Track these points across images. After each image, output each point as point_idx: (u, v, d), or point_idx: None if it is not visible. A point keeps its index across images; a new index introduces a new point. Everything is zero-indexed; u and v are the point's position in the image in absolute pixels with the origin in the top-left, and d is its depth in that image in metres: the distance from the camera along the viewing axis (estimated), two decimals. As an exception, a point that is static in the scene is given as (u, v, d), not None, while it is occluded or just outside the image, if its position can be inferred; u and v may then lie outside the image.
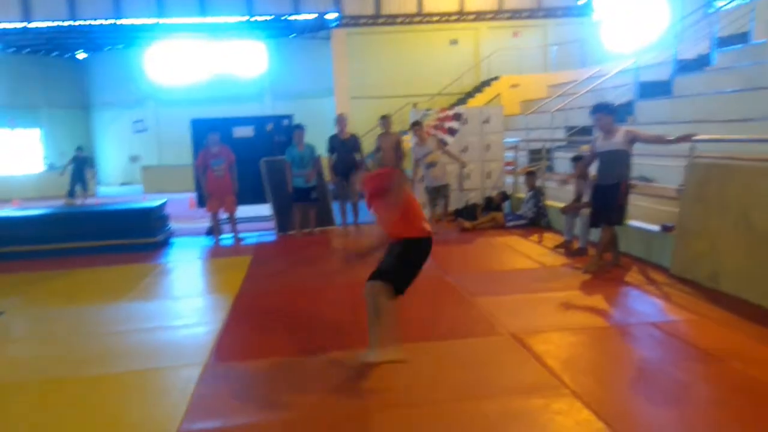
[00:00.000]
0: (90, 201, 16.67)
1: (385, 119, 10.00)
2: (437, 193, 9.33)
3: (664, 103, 10.56)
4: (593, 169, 6.85)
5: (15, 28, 21.56)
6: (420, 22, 22.75)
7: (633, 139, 6.19)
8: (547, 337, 4.64)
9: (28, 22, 21.29)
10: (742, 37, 11.00)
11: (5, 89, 24.15)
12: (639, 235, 6.79)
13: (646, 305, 5.52)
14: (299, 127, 9.49)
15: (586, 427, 3.30)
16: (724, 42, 11.08)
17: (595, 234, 6.95)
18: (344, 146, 9.64)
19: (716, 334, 4.59)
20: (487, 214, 9.76)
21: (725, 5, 11.82)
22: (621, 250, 6.77)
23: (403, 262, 4.14)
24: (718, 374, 3.93)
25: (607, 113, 6.34)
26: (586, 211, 7.12)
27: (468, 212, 10.00)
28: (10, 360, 4.83)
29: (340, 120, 9.86)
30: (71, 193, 17.13)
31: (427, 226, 4.26)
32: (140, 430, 3.57)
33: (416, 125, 9.47)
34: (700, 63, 11.23)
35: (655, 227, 6.73)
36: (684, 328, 4.78)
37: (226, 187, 9.20)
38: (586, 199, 7.30)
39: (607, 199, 6.25)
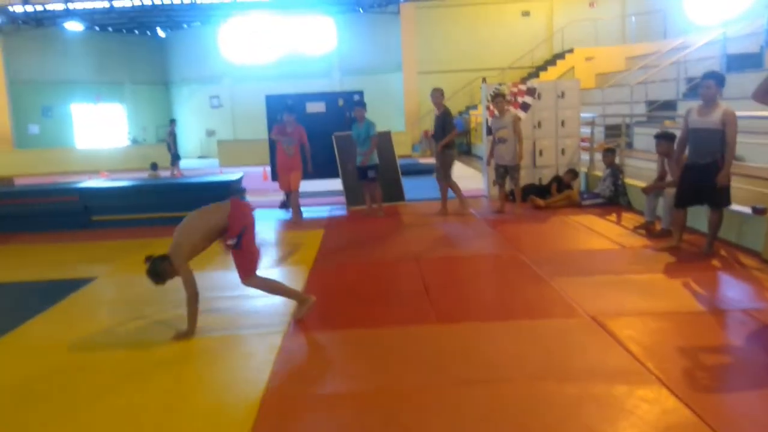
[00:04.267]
0: (175, 172, 17.45)
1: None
2: (504, 171, 9.08)
3: (755, 76, 9.97)
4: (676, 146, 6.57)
5: (100, 8, 22.83)
6: (491, -5, 22.30)
7: (726, 125, 5.82)
8: (629, 321, 4.49)
9: (112, 2, 22.42)
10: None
11: (91, 66, 25.41)
12: (729, 217, 6.45)
13: (736, 291, 5.28)
14: (358, 104, 9.47)
15: (674, 414, 3.17)
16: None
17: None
18: (436, 122, 9.38)
19: (814, 323, 4.34)
20: (561, 191, 9.53)
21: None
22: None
23: None
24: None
25: (718, 83, 5.97)
26: (670, 191, 6.83)
27: (541, 189, 9.79)
28: (101, 325, 5.06)
29: (432, 95, 9.42)
30: (174, 161, 17.83)
31: None
32: (226, 392, 3.71)
33: (498, 97, 9.26)
34: (796, 33, 10.57)
35: (746, 209, 6.40)
36: (779, 315, 4.54)
37: (294, 165, 9.27)
38: (670, 178, 7.00)
39: (703, 178, 5.94)
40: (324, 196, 10.77)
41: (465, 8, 22.37)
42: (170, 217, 8.83)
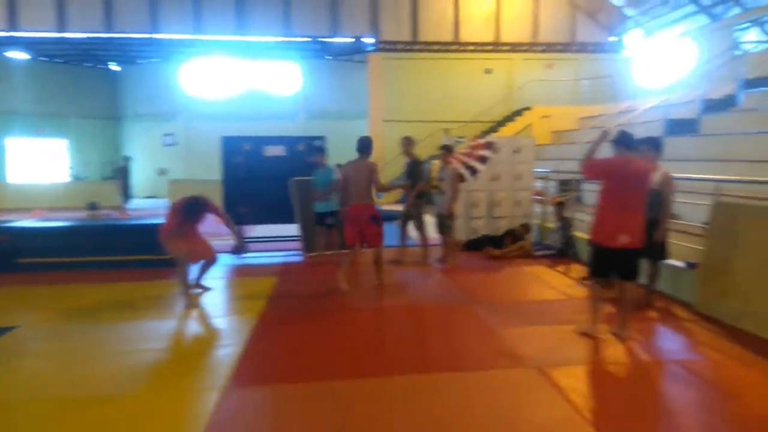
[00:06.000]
0: (115, 214, 16.04)
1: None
2: (442, 220, 9.03)
3: (692, 140, 10.49)
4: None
5: (49, 38, 21.34)
6: (455, 51, 22.99)
7: (664, 186, 6.09)
8: (571, 371, 4.61)
9: (63, 32, 21.21)
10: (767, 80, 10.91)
11: (34, 97, 23.77)
12: (665, 270, 6.73)
13: (670, 342, 5.49)
14: (318, 150, 9.42)
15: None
16: (750, 84, 10.99)
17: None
18: (406, 171, 9.30)
19: (739, 374, 4.54)
20: (515, 243, 9.74)
21: (752, 49, 11.74)
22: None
23: None
24: (741, 415, 3.89)
25: (653, 148, 6.27)
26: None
27: (496, 240, 9.99)
28: (22, 377, 4.62)
29: (402, 143, 9.36)
30: (126, 199, 17.00)
31: None
32: None
33: (446, 149, 9.34)
34: (727, 103, 11.15)
35: (681, 264, 6.68)
36: (707, 366, 4.74)
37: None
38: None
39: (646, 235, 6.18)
40: (280, 242, 10.37)
41: (431, 62, 22.79)
42: (105, 261, 8.25)
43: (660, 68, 19.01)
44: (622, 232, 5.08)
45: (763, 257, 5.46)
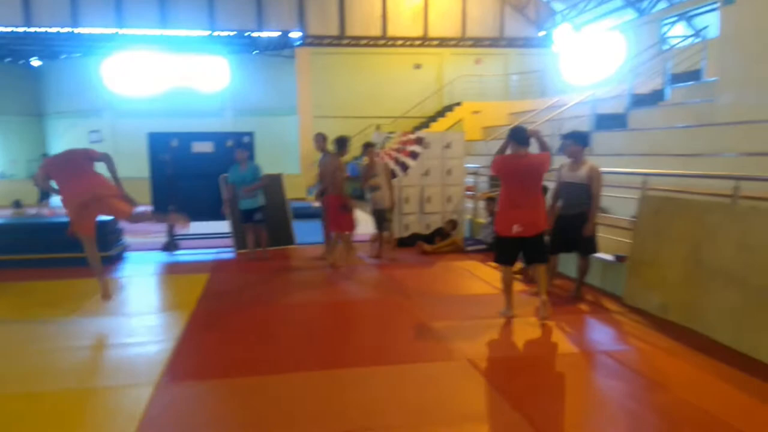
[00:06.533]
0: (43, 211, 16.05)
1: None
2: (381, 215, 9.25)
3: (620, 135, 10.89)
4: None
5: None
6: (384, 45, 23.19)
7: (592, 180, 6.31)
8: (502, 363, 4.71)
9: None
10: (695, 75, 11.47)
11: None
12: (595, 264, 6.95)
13: (599, 333, 5.66)
14: (241, 146, 9.41)
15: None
16: (677, 78, 11.52)
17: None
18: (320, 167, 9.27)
19: (665, 364, 4.72)
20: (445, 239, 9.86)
21: (679, 43, 12.32)
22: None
23: None
24: (667, 404, 4.03)
25: (579, 142, 6.47)
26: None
27: (426, 238, 10.07)
28: None
29: (314, 140, 9.39)
30: (43, 199, 16.56)
31: None
32: None
33: (369, 146, 9.42)
34: (654, 98, 11.64)
35: (609, 257, 6.90)
36: (635, 357, 4.90)
37: None
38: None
39: (574, 228, 6.36)
40: (210, 239, 10.38)
41: (359, 56, 22.89)
42: (35, 259, 8.33)
43: (588, 63, 19.71)
44: (515, 222, 5.68)
45: (687, 249, 5.70)
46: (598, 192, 6.34)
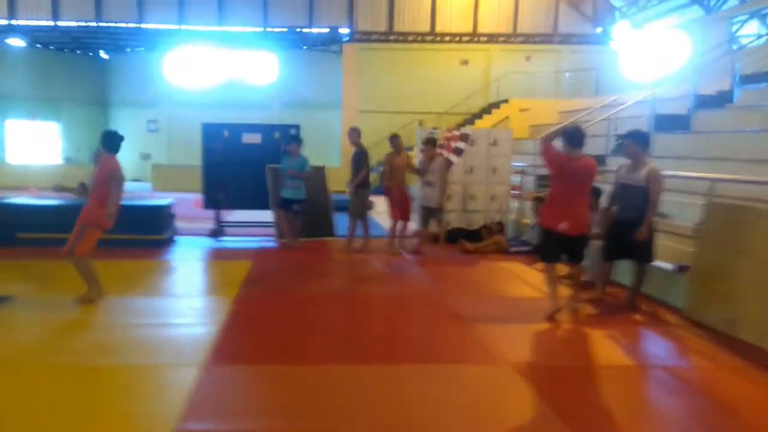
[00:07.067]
0: None
1: (395, 139, 9.80)
2: (428, 213, 9.26)
3: (682, 137, 10.49)
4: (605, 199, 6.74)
5: (44, 26, 23.32)
6: (432, 41, 23.22)
7: (651, 183, 6.03)
8: (548, 372, 4.50)
9: (57, 21, 23.19)
10: (766, 76, 10.98)
11: (29, 82, 25.46)
12: (653, 272, 6.62)
13: (656, 346, 5.38)
14: (294, 139, 9.76)
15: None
16: (747, 80, 11.05)
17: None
18: (352, 160, 9.63)
19: (733, 385, 4.40)
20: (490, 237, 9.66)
21: (750, 42, 11.82)
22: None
23: None
24: (732, 428, 3.75)
25: (637, 142, 6.19)
26: (596, 243, 6.97)
27: (470, 234, 9.89)
28: (14, 342, 5.00)
29: (348, 134, 9.79)
30: None
31: None
32: (135, 425, 3.61)
33: (429, 143, 9.41)
34: (721, 99, 11.19)
35: (669, 266, 6.58)
36: (697, 374, 4.61)
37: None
38: (596, 230, 7.16)
39: (630, 234, 6.06)
40: (254, 227, 10.83)
41: (406, 53, 23.02)
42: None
43: (649, 61, 19.16)
44: (563, 220, 5.75)
45: (759, 262, 5.37)
46: (657, 196, 6.05)
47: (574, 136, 5.84)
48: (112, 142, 6.33)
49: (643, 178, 6.04)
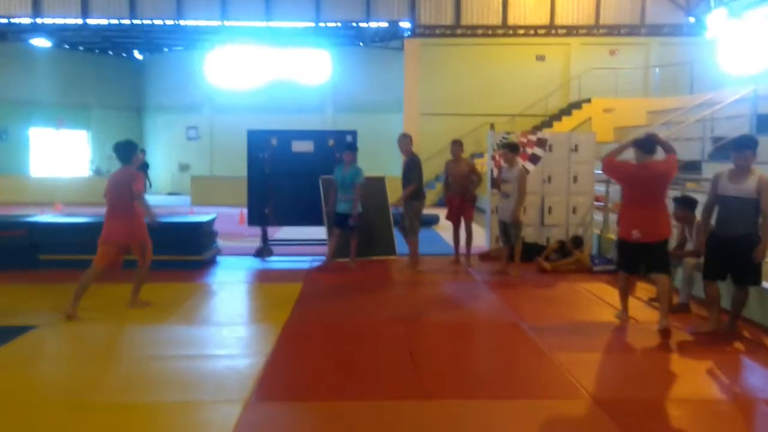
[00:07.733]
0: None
1: (453, 145, 9.86)
2: (504, 228, 9.02)
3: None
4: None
5: (72, 24, 22.86)
6: (503, 35, 22.95)
7: (762, 194, 5.69)
8: (635, 407, 4.39)
9: (87, 19, 22.62)
10: None
11: (55, 87, 25.18)
12: (755, 294, 6.39)
13: (760, 378, 5.19)
14: (349, 147, 9.60)
15: None
16: None
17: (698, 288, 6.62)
18: (402, 170, 9.52)
19: None
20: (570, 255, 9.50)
21: None
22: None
23: None
24: None
25: (754, 151, 5.92)
26: (691, 261, 6.78)
27: (539, 248, 9.86)
28: (39, 379, 4.93)
29: (399, 141, 9.70)
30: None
31: None
32: None
33: (510, 148, 9.16)
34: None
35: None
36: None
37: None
38: (691, 246, 6.96)
39: (733, 251, 5.85)
40: (305, 245, 10.65)
41: (475, 48, 22.77)
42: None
43: (750, 54, 18.50)
44: (635, 227, 6.12)
45: None
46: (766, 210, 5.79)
47: (646, 141, 6.34)
48: (127, 153, 6.87)
49: (753, 188, 5.77)
